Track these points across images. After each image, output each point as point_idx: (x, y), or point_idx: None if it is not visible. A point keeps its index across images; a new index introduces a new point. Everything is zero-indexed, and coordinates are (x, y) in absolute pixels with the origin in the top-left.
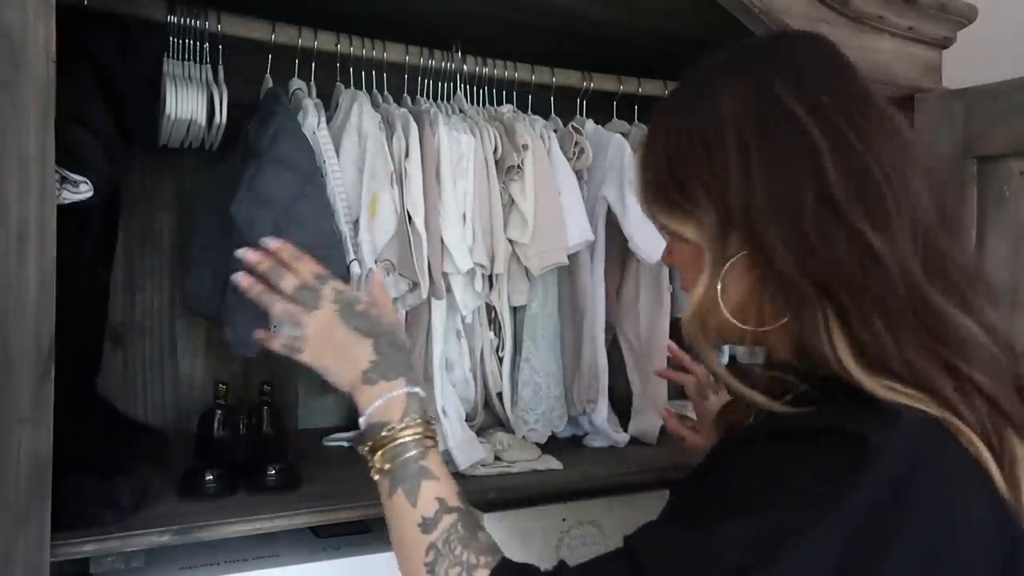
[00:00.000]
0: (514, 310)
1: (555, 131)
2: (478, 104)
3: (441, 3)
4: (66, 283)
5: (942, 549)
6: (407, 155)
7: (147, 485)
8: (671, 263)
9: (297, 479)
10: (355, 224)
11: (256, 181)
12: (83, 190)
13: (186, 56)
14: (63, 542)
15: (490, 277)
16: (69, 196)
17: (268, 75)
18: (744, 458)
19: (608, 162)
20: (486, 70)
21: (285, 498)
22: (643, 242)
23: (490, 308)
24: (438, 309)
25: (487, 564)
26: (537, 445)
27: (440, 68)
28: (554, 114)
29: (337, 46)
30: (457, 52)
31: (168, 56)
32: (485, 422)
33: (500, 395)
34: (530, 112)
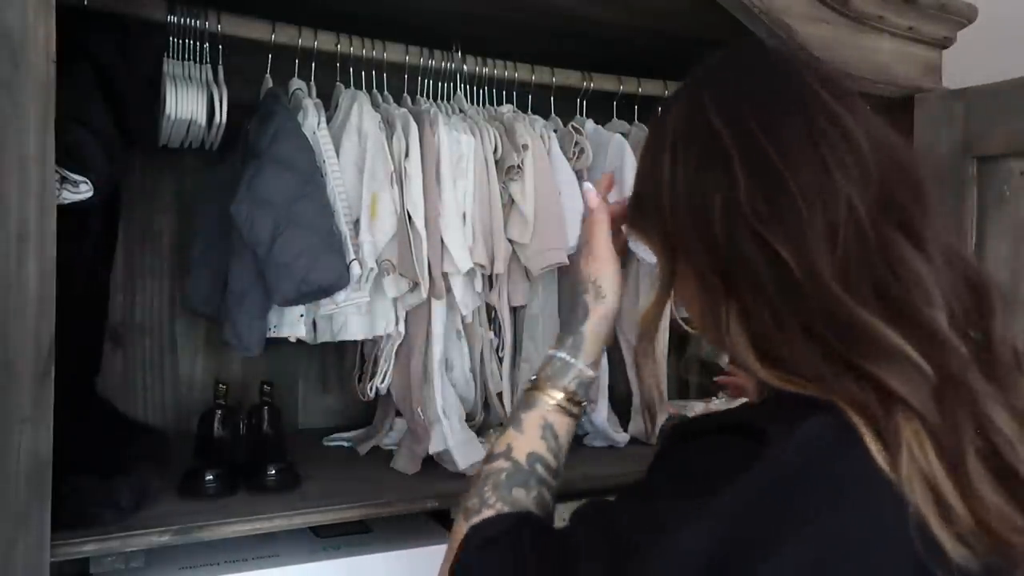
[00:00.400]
0: (514, 310)
1: (555, 131)
2: (478, 104)
3: (441, 3)
4: (66, 283)
5: (835, 550)
6: (407, 155)
7: (147, 485)
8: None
9: (297, 479)
10: (355, 224)
11: (256, 181)
12: (83, 190)
13: (186, 56)
14: (63, 542)
15: (490, 277)
16: (69, 196)
17: (268, 75)
18: (672, 450)
19: (608, 162)
20: (486, 70)
21: (285, 498)
22: None
23: (490, 308)
24: (438, 309)
25: (499, 509)
26: None
27: (440, 68)
28: (554, 114)
29: (337, 46)
30: (457, 52)
31: (168, 56)
32: (485, 422)
33: (500, 395)
34: (530, 112)
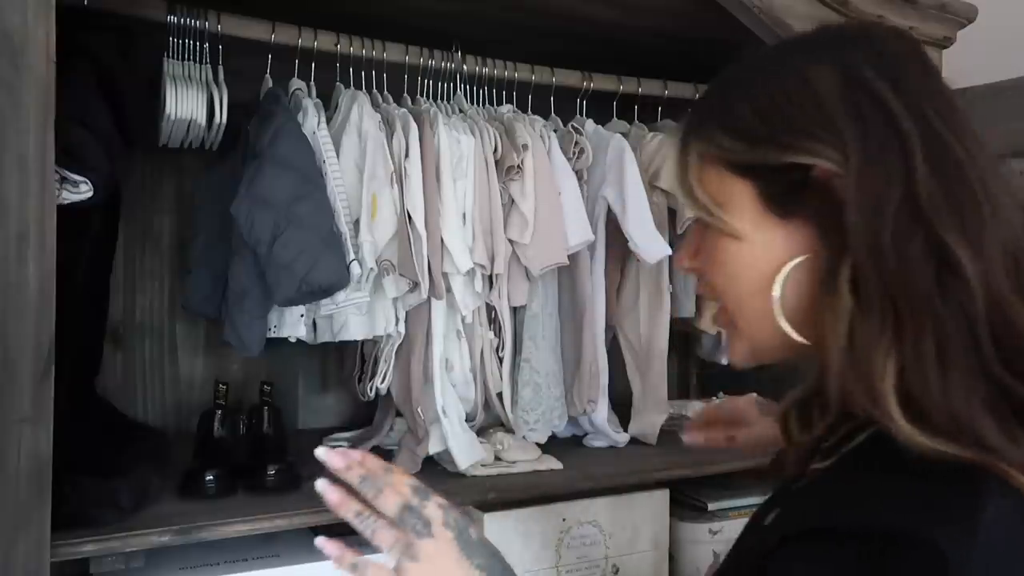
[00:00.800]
0: (514, 310)
1: (555, 131)
2: (478, 104)
3: (441, 3)
4: (66, 283)
5: None
6: (407, 155)
7: (147, 485)
8: (692, 268)
9: (297, 479)
10: (355, 224)
11: (256, 181)
12: (83, 190)
13: (186, 56)
14: (63, 542)
15: (490, 277)
16: (69, 196)
17: (268, 75)
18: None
19: (608, 162)
20: (486, 70)
21: (285, 498)
22: (643, 242)
23: (490, 308)
24: (438, 309)
25: None
26: (537, 445)
27: (440, 68)
28: (554, 114)
29: (337, 46)
30: (457, 52)
31: (168, 56)
32: (485, 422)
33: (500, 395)
34: (530, 112)
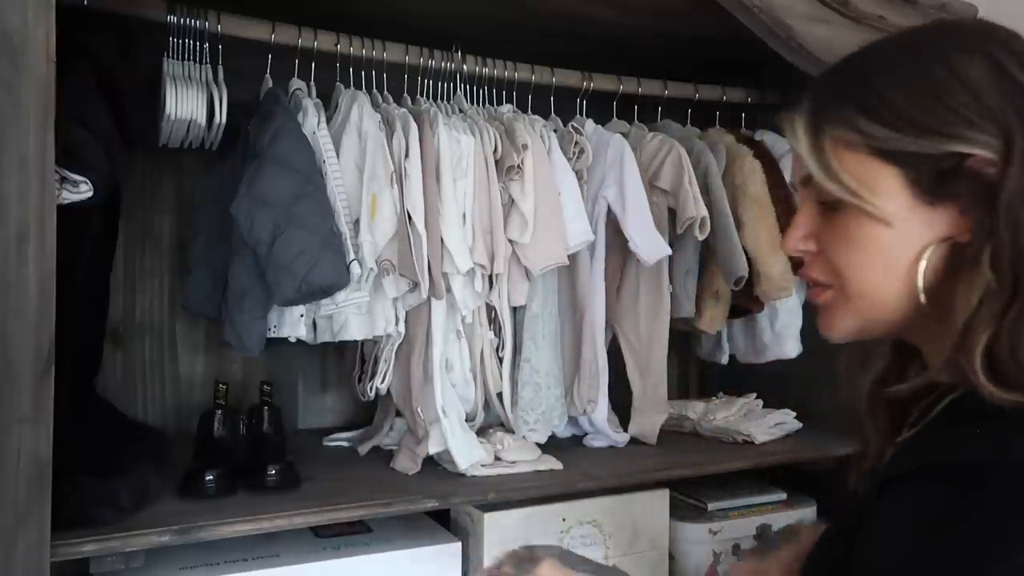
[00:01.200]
0: (514, 310)
1: (555, 131)
2: (478, 104)
3: (441, 3)
4: (66, 283)
5: None
6: (407, 155)
7: (147, 485)
8: (805, 251)
9: (297, 479)
10: (355, 224)
11: (256, 181)
12: (83, 190)
13: (186, 56)
14: (63, 542)
15: (490, 277)
16: (69, 196)
17: (268, 75)
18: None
19: (608, 162)
20: (486, 70)
21: (285, 498)
22: (643, 242)
23: (490, 308)
24: (438, 309)
25: None
26: (537, 445)
27: (440, 68)
28: (554, 114)
29: (337, 46)
30: (457, 52)
31: (168, 56)
32: (485, 422)
33: (500, 395)
34: (530, 112)
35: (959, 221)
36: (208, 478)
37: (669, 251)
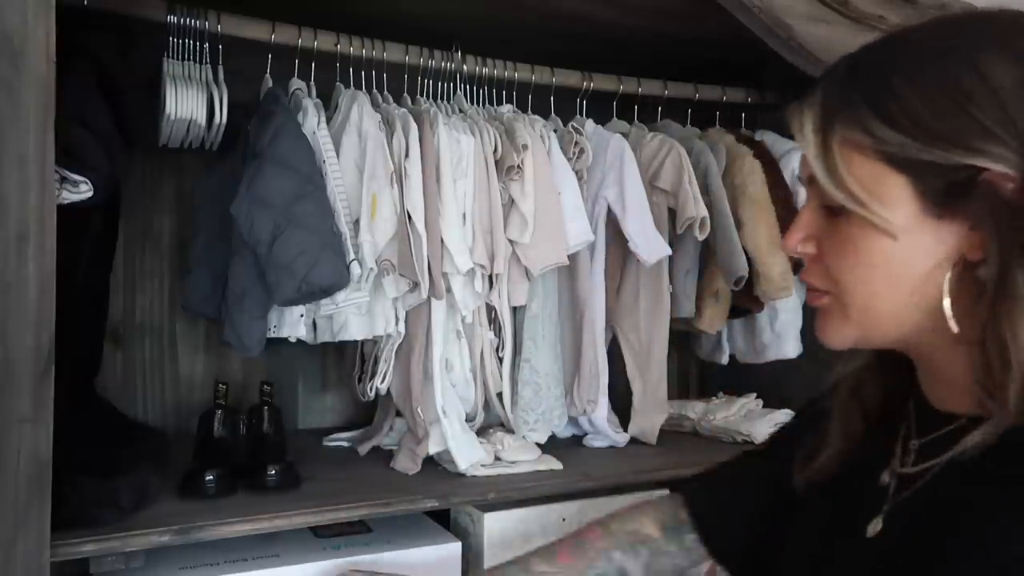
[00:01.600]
0: (514, 310)
1: (555, 131)
2: (478, 104)
3: (441, 3)
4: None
5: None
6: (407, 155)
7: (147, 485)
8: (804, 253)
9: (297, 479)
10: (355, 224)
11: (256, 181)
12: (83, 190)
13: (186, 56)
14: (63, 542)
15: (490, 277)
16: (69, 196)
17: (268, 75)
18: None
19: (608, 162)
20: (486, 70)
21: (285, 498)
22: (643, 242)
23: (490, 308)
24: (438, 309)
25: None
26: (537, 445)
27: (440, 68)
28: (554, 114)
29: (337, 46)
30: (457, 52)
31: (168, 56)
32: (485, 422)
33: (500, 395)
34: (530, 112)
35: (969, 236)
36: (208, 478)
37: (669, 251)
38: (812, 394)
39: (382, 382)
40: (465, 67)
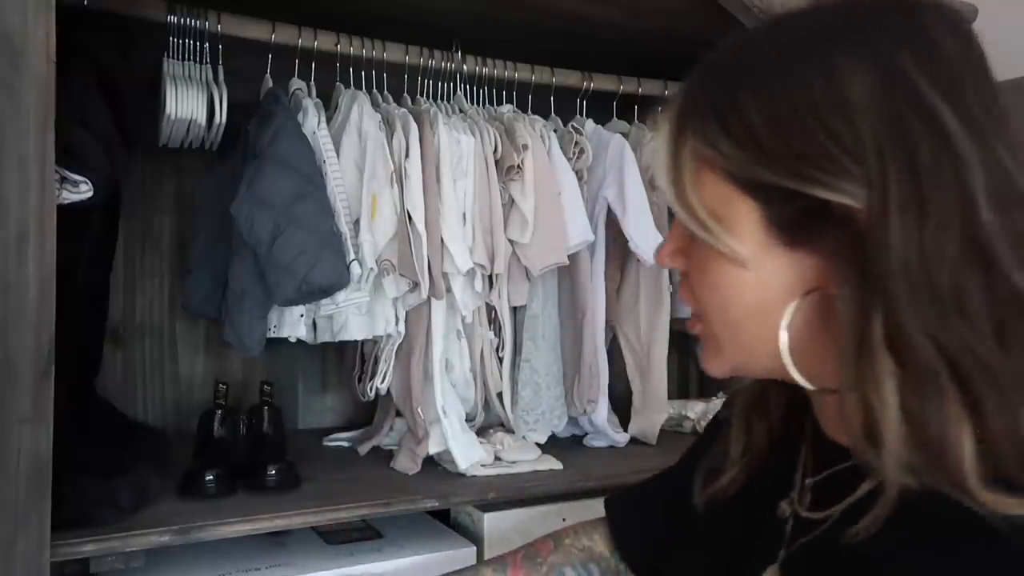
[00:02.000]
0: (514, 310)
1: (555, 131)
2: (478, 104)
3: (441, 3)
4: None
5: None
6: (407, 155)
7: (147, 485)
8: (674, 265)
9: (297, 479)
10: (355, 224)
11: (256, 181)
12: (83, 190)
13: (186, 56)
14: (63, 542)
15: (490, 277)
16: (69, 196)
17: (268, 75)
18: None
19: (608, 162)
20: (486, 70)
21: (285, 498)
22: (643, 242)
23: (490, 308)
24: (438, 309)
25: None
26: (537, 445)
27: (440, 68)
28: (554, 114)
29: (337, 46)
30: (457, 52)
31: (168, 56)
32: (485, 422)
33: (500, 395)
34: (530, 112)
35: (827, 268)
36: (208, 478)
37: None
38: None
39: (382, 382)
40: (465, 67)
